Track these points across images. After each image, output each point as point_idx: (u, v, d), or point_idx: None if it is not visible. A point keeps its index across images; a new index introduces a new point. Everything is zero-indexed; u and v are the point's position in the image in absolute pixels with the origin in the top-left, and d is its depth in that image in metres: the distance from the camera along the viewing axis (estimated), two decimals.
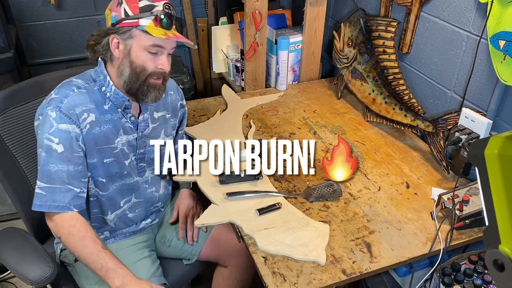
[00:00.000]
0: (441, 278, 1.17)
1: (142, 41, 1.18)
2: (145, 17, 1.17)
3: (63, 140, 1.18)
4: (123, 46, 1.20)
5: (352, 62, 1.87)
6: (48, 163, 1.18)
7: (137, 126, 1.33)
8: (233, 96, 1.96)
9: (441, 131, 1.55)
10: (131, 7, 1.17)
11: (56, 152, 1.18)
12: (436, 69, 1.62)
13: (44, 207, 1.19)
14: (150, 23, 1.17)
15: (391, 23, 1.71)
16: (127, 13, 1.17)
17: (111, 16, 1.20)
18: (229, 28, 2.37)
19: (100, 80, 1.26)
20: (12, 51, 1.99)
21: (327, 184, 1.42)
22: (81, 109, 1.21)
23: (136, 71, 1.21)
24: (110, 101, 1.26)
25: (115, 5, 1.19)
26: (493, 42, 1.29)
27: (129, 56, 1.20)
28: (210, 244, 1.51)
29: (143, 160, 1.39)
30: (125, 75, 1.22)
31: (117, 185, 1.34)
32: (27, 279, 1.17)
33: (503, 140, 0.69)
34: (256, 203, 1.33)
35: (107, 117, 1.26)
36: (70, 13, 2.36)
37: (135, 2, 1.17)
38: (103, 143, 1.26)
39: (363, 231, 1.28)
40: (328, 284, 1.12)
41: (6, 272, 2.07)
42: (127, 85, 1.23)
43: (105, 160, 1.28)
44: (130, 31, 1.18)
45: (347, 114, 1.86)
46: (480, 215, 1.26)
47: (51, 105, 1.18)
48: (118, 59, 1.22)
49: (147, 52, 1.20)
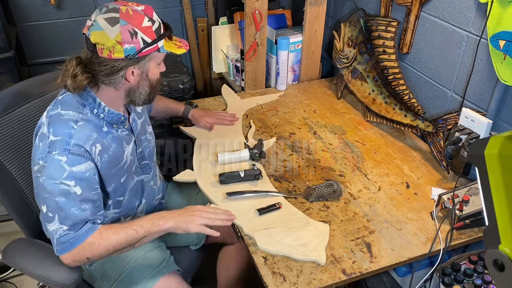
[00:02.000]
0: (441, 278, 1.17)
1: (157, 59, 1.19)
2: (162, 39, 1.15)
3: (79, 181, 1.12)
4: (139, 72, 1.17)
5: (352, 62, 1.87)
6: (70, 208, 1.12)
7: (131, 129, 1.32)
8: (233, 96, 1.96)
9: (441, 131, 1.55)
10: (148, 34, 1.12)
11: (75, 194, 1.12)
12: (436, 69, 1.62)
13: (75, 244, 1.14)
14: (164, 42, 1.17)
15: (391, 23, 1.71)
16: (146, 41, 1.12)
17: (125, 49, 1.10)
18: (229, 28, 2.37)
19: (89, 103, 1.19)
20: (12, 51, 1.99)
21: (327, 184, 1.42)
22: (89, 144, 1.15)
23: (153, 85, 1.22)
24: (105, 121, 1.22)
25: (128, 37, 1.10)
26: (493, 42, 1.29)
27: (147, 78, 1.19)
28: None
29: (143, 158, 1.39)
30: (144, 94, 1.21)
31: (128, 194, 1.35)
32: (59, 284, 1.16)
33: (503, 140, 0.69)
34: (256, 203, 1.33)
35: (109, 137, 1.23)
36: (70, 13, 2.36)
37: (149, 28, 1.13)
38: (115, 165, 1.25)
39: (363, 231, 1.28)
40: (328, 284, 1.12)
41: (6, 272, 2.07)
42: (145, 100, 1.23)
43: (122, 180, 1.28)
44: (149, 55, 1.15)
45: (347, 114, 1.86)
46: (480, 215, 1.26)
47: (56, 149, 1.11)
48: (130, 83, 1.18)
49: (157, 66, 1.21)
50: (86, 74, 1.13)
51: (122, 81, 1.17)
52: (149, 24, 1.13)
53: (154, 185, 1.47)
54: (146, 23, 1.12)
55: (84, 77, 1.12)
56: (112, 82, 1.16)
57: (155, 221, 1.19)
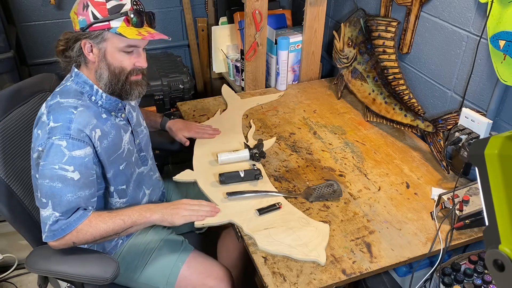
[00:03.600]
0: (441, 278, 1.17)
1: (116, 43, 1.17)
2: (115, 18, 1.14)
3: (78, 166, 1.14)
4: (97, 50, 1.18)
5: (352, 62, 1.87)
6: (66, 193, 1.14)
7: (128, 120, 1.35)
8: (233, 96, 1.96)
9: (441, 131, 1.55)
10: (99, 10, 1.13)
11: (73, 180, 1.14)
12: (436, 69, 1.62)
13: (63, 232, 1.16)
14: (122, 24, 1.15)
15: (391, 23, 1.71)
16: (96, 16, 1.14)
17: (79, 20, 1.15)
18: (229, 28, 2.37)
19: (86, 90, 1.22)
20: (12, 51, 1.99)
21: (327, 184, 1.42)
22: (89, 129, 1.17)
23: (115, 72, 1.20)
24: (103, 108, 1.25)
25: (81, 9, 1.15)
26: (493, 42, 1.29)
27: (105, 59, 1.19)
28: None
29: (141, 150, 1.41)
30: (104, 78, 1.20)
31: (132, 185, 1.36)
32: (100, 279, 1.17)
33: (503, 140, 0.69)
34: (256, 203, 1.33)
35: (108, 124, 1.25)
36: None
37: (102, 4, 1.14)
38: (113, 152, 1.26)
39: (363, 231, 1.28)
40: (328, 284, 1.12)
41: (6, 272, 2.07)
42: (108, 88, 1.22)
43: (121, 167, 1.30)
44: (102, 34, 1.15)
45: (347, 114, 1.86)
46: (480, 215, 1.26)
47: (57, 134, 1.13)
48: (93, 63, 1.20)
49: (122, 52, 1.19)
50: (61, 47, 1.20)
51: (82, 56, 1.19)
52: (102, 0, 1.14)
53: (158, 177, 1.51)
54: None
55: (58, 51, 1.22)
56: (78, 57, 1.20)
57: (142, 212, 1.22)
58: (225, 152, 1.51)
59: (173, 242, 1.41)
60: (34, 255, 1.25)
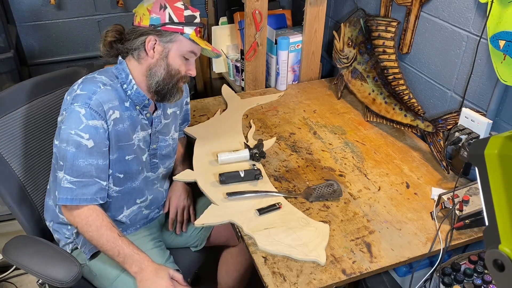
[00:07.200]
0: (441, 278, 1.17)
1: (182, 47, 1.25)
2: (189, 26, 1.24)
3: (93, 135, 1.20)
4: (161, 48, 1.24)
5: (352, 62, 1.87)
6: (78, 158, 1.19)
7: (152, 122, 1.37)
8: (233, 96, 1.96)
9: (441, 131, 1.55)
10: (176, 14, 1.23)
11: (86, 147, 1.19)
12: (436, 69, 1.62)
13: (75, 201, 1.21)
14: (193, 33, 1.25)
15: (391, 23, 1.71)
16: (172, 19, 1.22)
17: (151, 17, 1.22)
18: (229, 28, 2.37)
19: (122, 77, 1.28)
20: (12, 51, 1.99)
21: (327, 184, 1.42)
22: (108, 106, 1.22)
23: (171, 73, 1.27)
24: (130, 98, 1.29)
25: (157, 8, 1.22)
26: (493, 42, 1.29)
27: (166, 59, 1.25)
28: (219, 228, 1.54)
29: (155, 156, 1.42)
30: (158, 75, 1.27)
31: (134, 181, 1.36)
32: (57, 281, 1.18)
33: (503, 140, 0.69)
34: (256, 203, 1.33)
35: (127, 114, 1.29)
36: (70, 13, 2.36)
37: (180, 10, 1.23)
38: (124, 140, 1.29)
39: (363, 231, 1.28)
40: (328, 284, 1.12)
41: (6, 272, 2.07)
42: (159, 85, 1.27)
43: (127, 157, 1.31)
44: (173, 35, 1.23)
45: (347, 114, 1.86)
46: (480, 215, 1.26)
47: (79, 101, 1.19)
48: (151, 59, 1.25)
49: (182, 57, 1.27)
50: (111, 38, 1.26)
51: (142, 52, 1.24)
52: (181, 7, 1.24)
53: (160, 188, 1.49)
54: (179, 5, 1.24)
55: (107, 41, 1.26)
56: (136, 51, 1.25)
57: (134, 261, 1.24)
58: (225, 152, 1.51)
59: (157, 257, 1.36)
60: (11, 243, 1.26)
